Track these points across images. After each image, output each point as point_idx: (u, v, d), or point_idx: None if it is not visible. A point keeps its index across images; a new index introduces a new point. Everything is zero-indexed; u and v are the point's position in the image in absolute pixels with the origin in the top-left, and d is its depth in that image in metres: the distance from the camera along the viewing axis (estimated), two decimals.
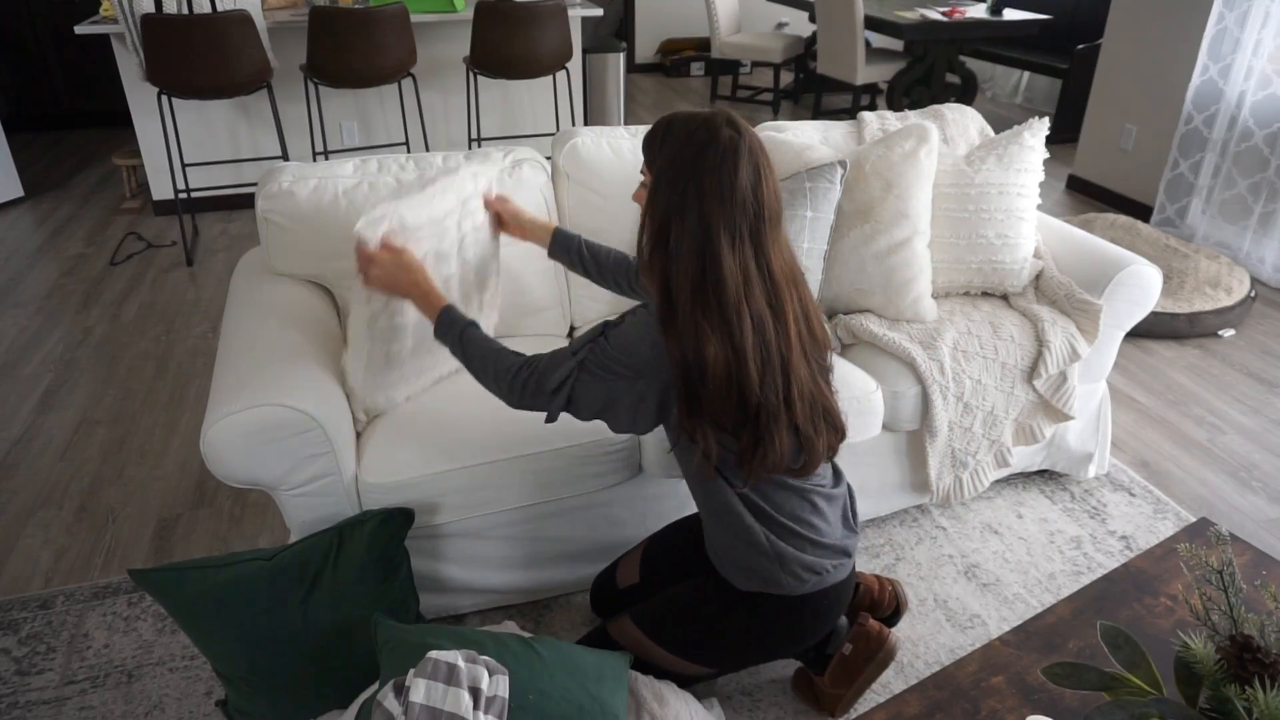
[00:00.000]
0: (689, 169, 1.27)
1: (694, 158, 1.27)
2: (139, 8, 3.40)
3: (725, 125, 1.28)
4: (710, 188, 1.26)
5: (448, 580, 1.81)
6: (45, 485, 2.35)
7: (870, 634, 1.63)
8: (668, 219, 1.28)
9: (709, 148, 1.26)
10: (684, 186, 1.27)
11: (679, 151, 1.28)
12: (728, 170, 1.26)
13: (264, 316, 1.78)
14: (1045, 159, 2.20)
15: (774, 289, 1.30)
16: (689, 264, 1.27)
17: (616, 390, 1.37)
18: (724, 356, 1.27)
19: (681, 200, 1.27)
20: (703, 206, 1.26)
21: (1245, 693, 0.94)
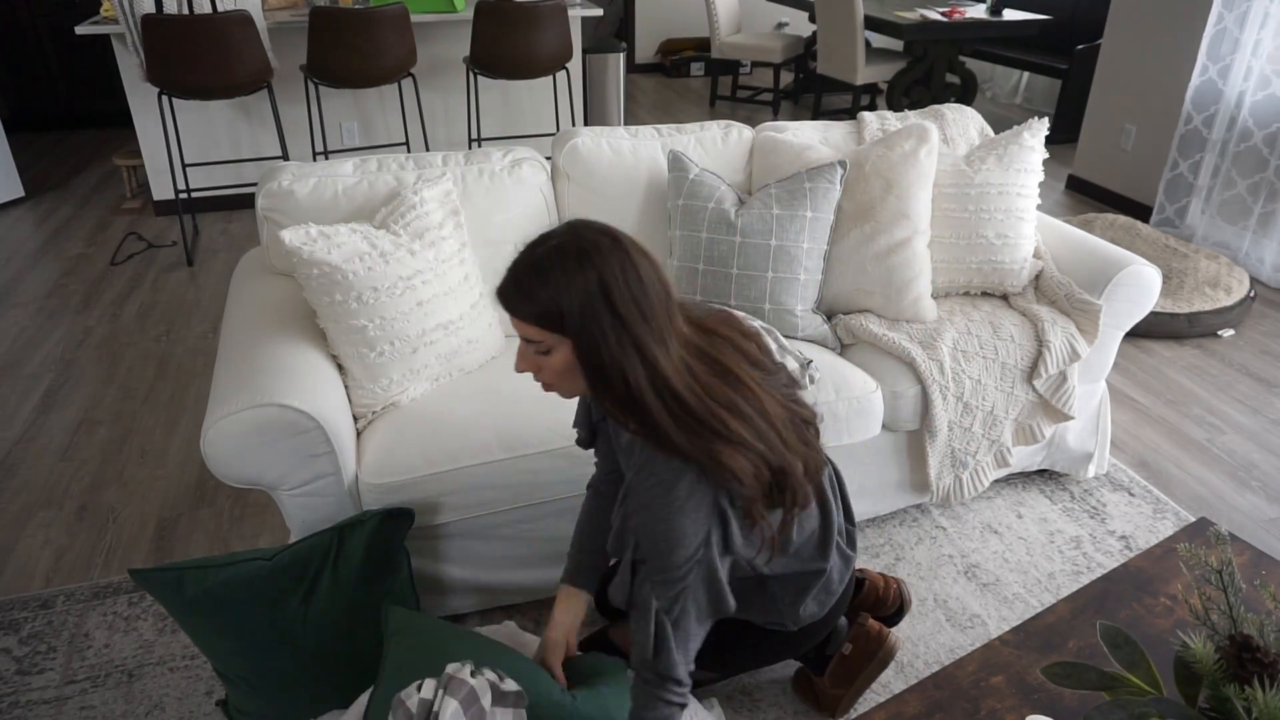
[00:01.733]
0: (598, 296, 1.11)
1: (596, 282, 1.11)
2: (139, 8, 3.40)
3: (593, 233, 1.14)
4: (625, 304, 1.11)
5: (448, 580, 1.81)
6: (46, 485, 2.36)
7: (870, 634, 1.64)
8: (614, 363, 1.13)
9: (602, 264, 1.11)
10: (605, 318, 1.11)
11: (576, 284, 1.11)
12: (632, 275, 1.12)
13: (264, 316, 1.78)
14: (1045, 159, 2.20)
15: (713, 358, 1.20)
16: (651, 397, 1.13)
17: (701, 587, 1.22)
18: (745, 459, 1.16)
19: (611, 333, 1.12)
20: (629, 328, 1.12)
21: (1244, 692, 0.94)
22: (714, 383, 1.18)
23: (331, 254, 1.65)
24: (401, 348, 1.73)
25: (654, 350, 1.13)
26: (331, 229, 1.69)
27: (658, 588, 1.20)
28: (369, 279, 1.67)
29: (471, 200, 2.00)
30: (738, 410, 1.17)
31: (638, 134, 2.22)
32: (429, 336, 1.77)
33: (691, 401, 1.15)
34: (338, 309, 1.68)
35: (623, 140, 2.17)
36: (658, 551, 1.18)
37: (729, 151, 2.26)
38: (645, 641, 1.22)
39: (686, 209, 2.06)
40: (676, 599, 1.20)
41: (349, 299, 1.67)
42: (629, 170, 2.14)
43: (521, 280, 1.14)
